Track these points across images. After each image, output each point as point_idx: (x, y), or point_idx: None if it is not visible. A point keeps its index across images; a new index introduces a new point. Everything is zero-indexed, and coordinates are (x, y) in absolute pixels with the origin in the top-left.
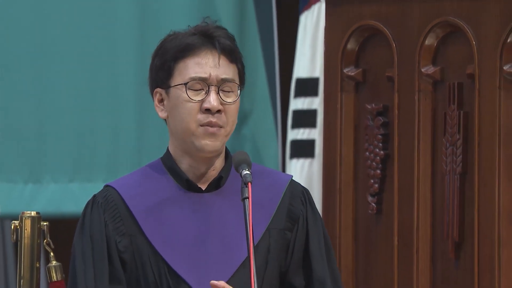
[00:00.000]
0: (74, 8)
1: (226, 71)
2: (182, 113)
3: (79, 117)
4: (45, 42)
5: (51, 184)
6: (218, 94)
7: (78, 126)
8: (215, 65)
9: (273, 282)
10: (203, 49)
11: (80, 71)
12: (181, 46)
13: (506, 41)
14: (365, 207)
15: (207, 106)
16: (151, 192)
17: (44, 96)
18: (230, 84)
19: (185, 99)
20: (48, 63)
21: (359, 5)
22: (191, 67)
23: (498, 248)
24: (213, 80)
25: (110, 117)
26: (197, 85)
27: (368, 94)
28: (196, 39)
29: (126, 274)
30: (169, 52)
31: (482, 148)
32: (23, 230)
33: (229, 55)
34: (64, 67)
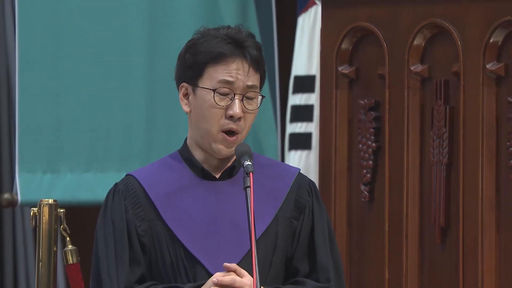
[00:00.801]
0: (89, 13)
1: (252, 79)
2: (207, 115)
3: (94, 113)
4: (62, 44)
5: (67, 174)
6: (242, 102)
7: (93, 121)
8: (243, 73)
9: (280, 266)
10: (234, 58)
11: (94, 71)
12: (214, 53)
13: (489, 42)
14: (358, 195)
15: (231, 114)
16: (169, 180)
17: (61, 94)
18: (254, 92)
19: (211, 104)
20: (65, 63)
21: (353, 8)
22: (220, 72)
23: (481, 233)
24: (239, 87)
25: (122, 113)
26: (224, 89)
27: (361, 91)
28: (228, 48)
29: (145, 256)
30: (202, 54)
31: (466, 141)
32: (41, 217)
33: (256, 64)
34: (80, 67)
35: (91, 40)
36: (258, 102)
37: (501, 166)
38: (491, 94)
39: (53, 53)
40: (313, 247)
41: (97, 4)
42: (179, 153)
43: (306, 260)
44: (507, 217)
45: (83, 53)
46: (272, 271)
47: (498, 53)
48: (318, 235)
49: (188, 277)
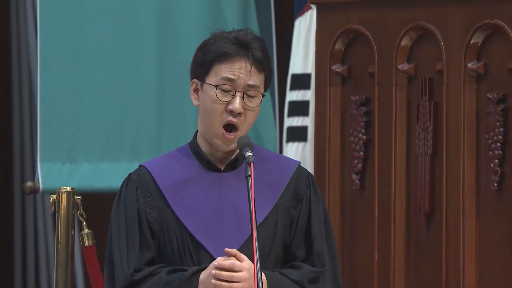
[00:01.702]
0: (105, 16)
1: (254, 79)
2: (210, 109)
3: (108, 108)
4: (80, 44)
5: (84, 164)
6: (243, 99)
7: (107, 115)
8: (245, 72)
9: (279, 252)
10: (238, 58)
11: (109, 69)
12: (220, 52)
13: (470, 42)
14: (350, 183)
15: (231, 108)
16: (177, 171)
17: (79, 91)
18: (255, 91)
19: (214, 99)
20: (83, 62)
21: (345, 11)
22: (224, 70)
23: (462, 218)
24: (240, 85)
25: (134, 108)
26: (226, 86)
27: (352, 88)
28: (233, 48)
29: (155, 241)
30: (210, 53)
31: (449, 134)
32: (60, 203)
33: (259, 65)
34: (96, 66)
35: (106, 40)
36: (259, 101)
37: (481, 157)
38: (472, 91)
39: (71, 52)
40: (309, 235)
41: (112, 7)
42: (189, 146)
43: (303, 247)
44: (486, 204)
45: (99, 52)
46: (271, 256)
47: (478, 53)
48: (314, 224)
49: (193, 260)
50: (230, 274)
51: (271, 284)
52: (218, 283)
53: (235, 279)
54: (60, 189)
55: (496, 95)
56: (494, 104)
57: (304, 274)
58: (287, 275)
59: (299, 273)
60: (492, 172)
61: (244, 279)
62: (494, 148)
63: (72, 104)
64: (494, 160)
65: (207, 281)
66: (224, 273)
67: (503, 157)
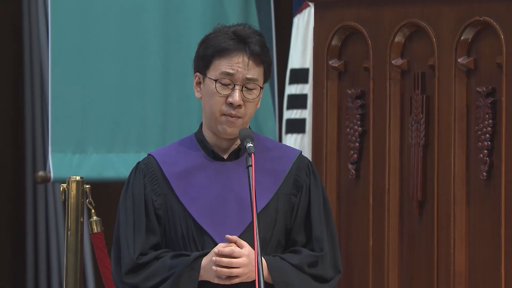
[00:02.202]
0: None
1: (252, 72)
2: (211, 101)
3: (116, 102)
4: (89, 41)
5: (93, 154)
6: (241, 92)
7: (115, 108)
8: (243, 66)
9: (280, 238)
10: (236, 53)
11: (116, 65)
12: (219, 47)
13: (460, 39)
14: (346, 173)
15: (230, 101)
16: (183, 160)
17: (88, 85)
18: (254, 84)
19: (214, 92)
20: (91, 58)
21: (341, 9)
22: (223, 65)
23: (453, 206)
24: (239, 79)
25: (140, 102)
26: (226, 80)
27: (348, 81)
28: (232, 43)
29: (161, 226)
30: (210, 48)
31: (440, 125)
32: (69, 192)
33: (257, 58)
34: (104, 62)
35: (113, 38)
36: (258, 93)
37: (471, 147)
38: (462, 85)
39: (80, 50)
40: (309, 221)
41: (119, 7)
42: (194, 136)
43: (303, 232)
44: (475, 192)
45: (107, 50)
46: (272, 241)
47: (468, 49)
48: (314, 211)
49: (196, 245)
50: (230, 260)
51: (271, 268)
52: (218, 269)
53: (234, 265)
54: (70, 178)
55: (485, 88)
56: (483, 97)
57: (303, 258)
58: (287, 259)
59: (298, 258)
60: (481, 162)
61: (244, 265)
62: (483, 139)
63: (81, 98)
64: (483, 151)
65: (208, 267)
66: (224, 260)
67: (491, 147)
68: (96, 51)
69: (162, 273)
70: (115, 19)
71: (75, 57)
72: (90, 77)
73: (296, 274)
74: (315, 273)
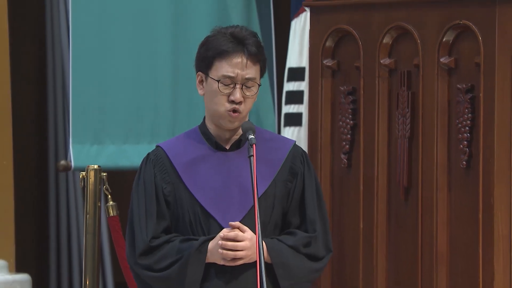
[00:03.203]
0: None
1: (250, 72)
2: (215, 100)
3: (130, 97)
4: (106, 41)
5: (110, 145)
6: (242, 90)
7: (129, 103)
8: (242, 67)
9: (278, 220)
10: (235, 54)
11: (131, 63)
12: (219, 50)
13: (442, 40)
14: (339, 162)
15: (232, 98)
16: (189, 151)
17: (105, 82)
18: (252, 82)
19: (217, 91)
20: (108, 56)
21: (335, 13)
22: (224, 67)
23: (436, 192)
24: (239, 79)
25: (152, 97)
26: (227, 80)
27: (341, 79)
28: (231, 46)
29: (170, 212)
30: (211, 50)
31: (424, 119)
32: (88, 179)
33: (254, 57)
34: (119, 59)
35: (128, 39)
36: (256, 90)
37: (452, 139)
38: (444, 82)
39: (98, 49)
40: (303, 205)
41: (133, 11)
42: (199, 128)
43: (297, 215)
44: (456, 180)
45: (122, 50)
46: (271, 224)
47: (449, 50)
48: (307, 195)
49: (203, 229)
50: (234, 244)
51: (269, 250)
52: (224, 252)
53: (238, 248)
54: (89, 167)
55: (465, 85)
56: (463, 93)
57: (299, 240)
58: (283, 241)
59: (294, 239)
60: (461, 152)
61: (247, 248)
62: (463, 131)
63: (99, 94)
64: (463, 142)
65: (215, 250)
66: (229, 243)
67: (471, 139)
68: (112, 51)
69: (173, 256)
70: (129, 23)
71: (93, 57)
72: (107, 75)
73: (292, 254)
74: (309, 252)
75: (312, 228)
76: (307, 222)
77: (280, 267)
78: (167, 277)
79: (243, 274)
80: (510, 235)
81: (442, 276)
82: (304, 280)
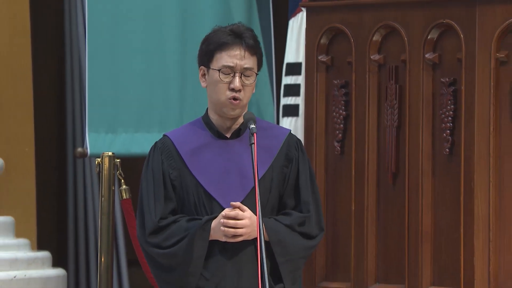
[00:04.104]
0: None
1: (248, 62)
2: (216, 88)
3: (141, 89)
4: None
5: (123, 134)
6: (241, 78)
7: (141, 95)
8: (240, 57)
9: (275, 202)
10: (233, 46)
11: (142, 59)
12: (219, 42)
13: (427, 38)
14: (332, 149)
15: (232, 87)
16: (193, 139)
17: (118, 75)
18: (250, 71)
19: (218, 80)
20: (121, 53)
21: (329, 13)
22: (224, 57)
23: (421, 177)
24: (238, 68)
25: (161, 89)
26: (227, 70)
27: (334, 73)
28: (230, 38)
29: (176, 195)
30: (212, 44)
31: (411, 110)
32: (103, 165)
33: (251, 49)
34: (131, 55)
35: (139, 37)
36: (254, 79)
37: (436, 128)
38: (429, 76)
39: (112, 46)
40: (297, 188)
41: (144, 10)
42: (202, 119)
43: (292, 197)
44: (440, 166)
45: (134, 47)
46: (268, 205)
47: (434, 46)
48: (301, 179)
49: (206, 210)
50: (235, 222)
51: (267, 229)
52: (226, 229)
53: (239, 226)
54: (104, 154)
55: (448, 79)
56: (446, 86)
57: (294, 219)
58: (280, 220)
59: (289, 219)
60: (445, 140)
61: (246, 226)
62: (446, 121)
63: (113, 87)
64: (446, 131)
65: (217, 228)
66: (230, 221)
67: (453, 128)
68: (125, 48)
69: (179, 234)
70: (140, 23)
71: (108, 53)
72: (120, 70)
73: (288, 232)
74: (303, 231)
75: (306, 209)
76: (302, 203)
77: (277, 245)
78: (174, 254)
79: (243, 250)
80: (489, 215)
81: (426, 253)
82: (298, 256)
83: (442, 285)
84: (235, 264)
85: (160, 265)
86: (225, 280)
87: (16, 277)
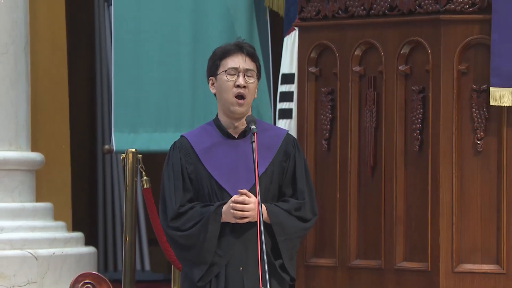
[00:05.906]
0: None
1: (249, 65)
2: (224, 88)
3: (159, 95)
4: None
5: (143, 133)
6: (244, 77)
7: (159, 100)
8: (243, 61)
9: (275, 192)
10: (236, 53)
11: (160, 68)
12: (224, 51)
13: (400, 53)
14: (320, 147)
15: (237, 83)
16: (206, 139)
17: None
18: (251, 72)
19: (225, 80)
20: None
21: (318, 32)
22: (228, 62)
23: (395, 169)
24: (241, 69)
25: (177, 94)
26: (232, 71)
27: (322, 83)
28: (233, 48)
29: (192, 186)
30: (217, 54)
31: (386, 113)
32: (127, 160)
33: (251, 57)
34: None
35: (158, 48)
36: (256, 78)
37: (407, 129)
38: (402, 85)
39: (135, 57)
40: (294, 179)
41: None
42: (213, 122)
43: (290, 187)
44: (411, 161)
45: (153, 56)
46: (269, 194)
47: (406, 60)
48: (298, 172)
49: (218, 199)
50: (242, 206)
51: (269, 212)
52: (234, 212)
53: (245, 209)
54: (127, 150)
55: (418, 87)
56: (416, 93)
57: (291, 205)
58: (280, 206)
59: (287, 205)
60: (415, 139)
61: (252, 209)
62: (416, 123)
63: (135, 93)
64: (416, 131)
65: (227, 211)
66: (238, 205)
67: (422, 129)
68: (145, 60)
69: (196, 218)
70: (159, 38)
71: (131, 64)
72: (141, 78)
73: (286, 216)
74: (299, 215)
75: (301, 196)
76: (298, 192)
77: (277, 226)
78: (192, 234)
79: (249, 231)
80: (452, 202)
81: (400, 233)
82: (295, 236)
83: (413, 260)
84: (242, 242)
85: (180, 245)
86: (235, 257)
87: (55, 254)
